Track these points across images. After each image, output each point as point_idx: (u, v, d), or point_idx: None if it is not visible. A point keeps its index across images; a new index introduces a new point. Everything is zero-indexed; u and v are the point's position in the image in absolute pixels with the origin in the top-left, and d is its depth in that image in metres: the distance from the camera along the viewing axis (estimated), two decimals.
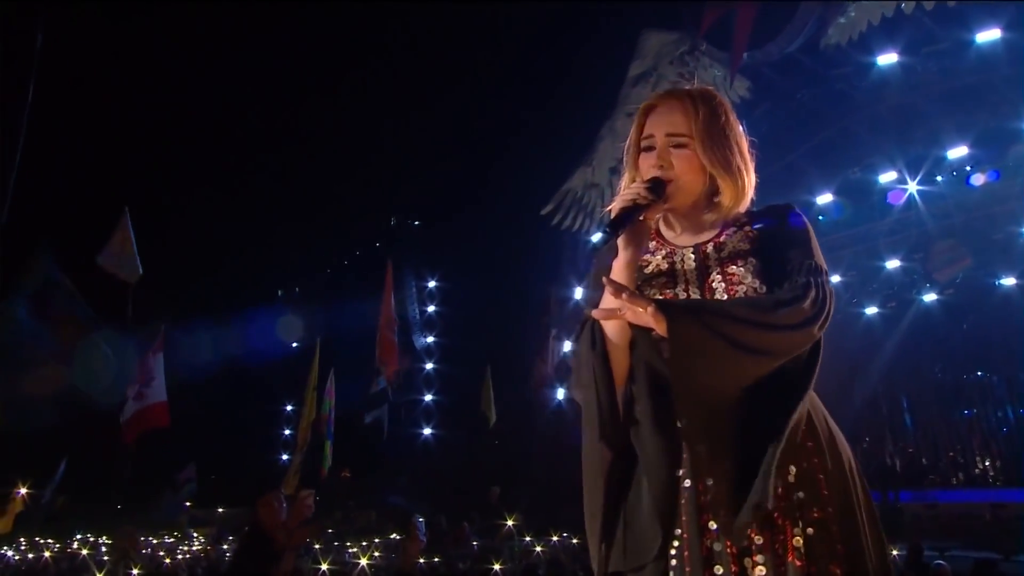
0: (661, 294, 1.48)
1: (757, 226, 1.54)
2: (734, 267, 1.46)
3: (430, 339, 21.48)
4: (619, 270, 1.45)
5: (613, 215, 1.43)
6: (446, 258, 21.72)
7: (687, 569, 1.26)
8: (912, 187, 11.81)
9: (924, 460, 14.67)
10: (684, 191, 1.53)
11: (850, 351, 15.22)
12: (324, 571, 4.17)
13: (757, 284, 1.43)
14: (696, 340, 1.26)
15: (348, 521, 17.43)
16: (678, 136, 1.52)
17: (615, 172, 12.42)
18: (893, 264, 13.11)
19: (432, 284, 22.10)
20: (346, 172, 23.68)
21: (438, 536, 8.66)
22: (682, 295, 1.47)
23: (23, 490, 14.60)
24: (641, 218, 1.45)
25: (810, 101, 11.57)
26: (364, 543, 9.36)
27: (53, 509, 15.87)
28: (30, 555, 10.60)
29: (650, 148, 1.55)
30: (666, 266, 1.52)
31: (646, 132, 1.57)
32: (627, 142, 1.61)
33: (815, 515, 1.27)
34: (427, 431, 20.54)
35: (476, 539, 7.43)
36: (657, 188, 1.47)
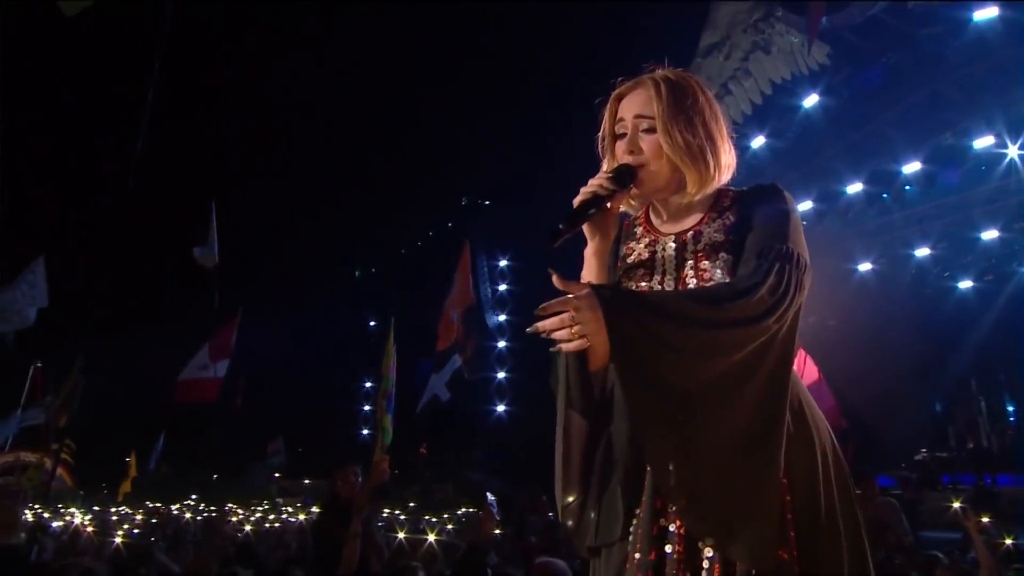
0: (637, 285, 1.47)
1: (735, 214, 1.47)
2: (707, 262, 1.42)
3: (502, 317, 21.73)
4: (588, 259, 1.48)
5: (574, 207, 1.42)
6: (516, 237, 21.82)
7: (638, 545, 1.31)
8: (1012, 151, 10.98)
9: None
10: (655, 176, 1.48)
11: (941, 327, 14.40)
12: (400, 539, 4.40)
13: (723, 276, 1.38)
14: (631, 338, 1.19)
15: (427, 495, 18.02)
16: (646, 119, 1.49)
17: None
18: (990, 235, 12.25)
19: (503, 263, 22.29)
20: (419, 155, 24.08)
21: (517, 510, 8.85)
22: (657, 287, 1.44)
23: (131, 459, 15.90)
24: (608, 206, 1.44)
25: (897, 64, 10.87)
26: (445, 515, 9.67)
27: (158, 476, 17.17)
28: (137, 517, 11.51)
29: (623, 134, 1.52)
30: (647, 255, 1.50)
31: (618, 118, 1.54)
32: (601, 131, 1.58)
33: None
34: (500, 408, 20.88)
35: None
36: (622, 177, 1.45)
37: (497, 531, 4.82)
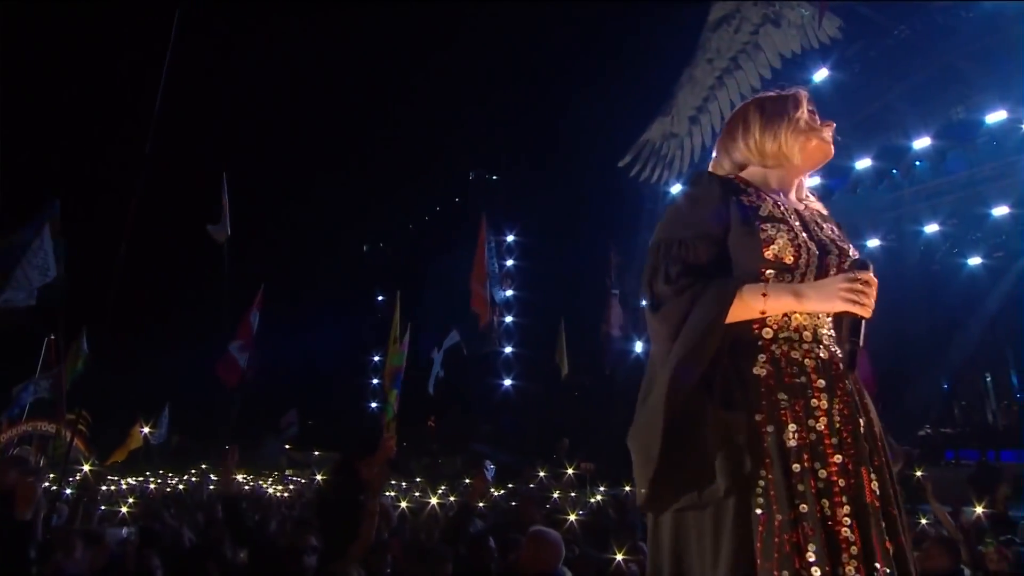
0: (787, 238, 1.54)
1: (830, 216, 1.76)
2: (842, 241, 1.65)
3: (509, 292, 21.80)
4: (785, 307, 1.48)
5: (854, 318, 1.46)
6: (523, 212, 21.82)
7: (774, 507, 1.34)
8: None
9: None
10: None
11: (950, 304, 14.36)
12: (403, 508, 4.56)
13: (848, 243, 1.66)
14: None
15: (436, 466, 18.30)
16: None
17: (695, 121, 11.99)
18: (1001, 211, 12.14)
19: (510, 238, 22.29)
20: (425, 131, 23.99)
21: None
22: (804, 246, 1.54)
23: (147, 429, 16.16)
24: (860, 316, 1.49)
25: (910, 37, 10.70)
26: (446, 486, 9.81)
27: (171, 448, 17.50)
28: (151, 486, 11.77)
29: (825, 124, 1.77)
30: (779, 214, 1.61)
31: (809, 105, 1.78)
32: (790, 102, 1.77)
33: (875, 463, 1.43)
34: (508, 382, 21.07)
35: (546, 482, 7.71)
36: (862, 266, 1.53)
37: (483, 497, 4.97)
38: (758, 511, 1.35)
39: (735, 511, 1.37)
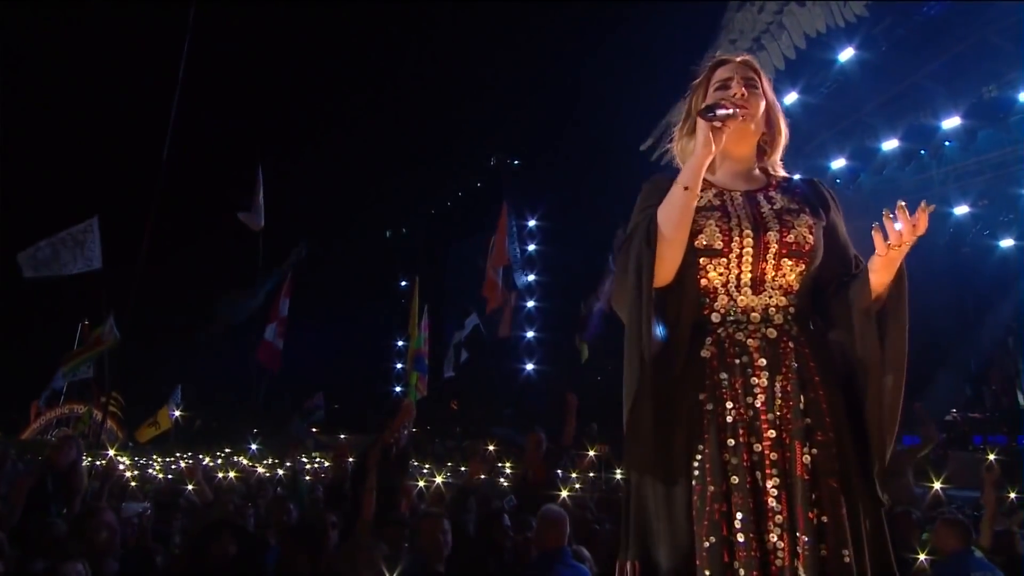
0: (717, 225, 1.58)
1: (801, 195, 1.67)
2: (788, 216, 1.59)
3: (531, 277, 21.83)
4: (697, 166, 1.51)
5: (710, 103, 1.56)
6: (545, 197, 21.77)
7: (708, 479, 1.43)
8: None
9: None
10: (749, 132, 1.68)
11: (980, 287, 14.09)
12: (420, 487, 4.71)
13: (806, 232, 1.57)
14: None
15: (458, 449, 18.45)
16: (754, 80, 1.68)
17: None
18: None
19: (532, 223, 22.27)
20: (447, 116, 24.02)
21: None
22: (736, 229, 1.57)
23: (177, 413, 16.51)
24: (721, 124, 1.52)
25: (940, 13, 10.41)
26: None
27: (194, 430, 17.85)
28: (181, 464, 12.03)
29: (725, 88, 1.67)
30: (718, 203, 1.63)
31: (719, 76, 1.71)
32: (695, 92, 1.75)
33: (819, 438, 1.45)
34: (529, 366, 21.16)
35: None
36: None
37: (482, 476, 5.12)
38: (693, 482, 1.45)
39: (675, 481, 1.47)
